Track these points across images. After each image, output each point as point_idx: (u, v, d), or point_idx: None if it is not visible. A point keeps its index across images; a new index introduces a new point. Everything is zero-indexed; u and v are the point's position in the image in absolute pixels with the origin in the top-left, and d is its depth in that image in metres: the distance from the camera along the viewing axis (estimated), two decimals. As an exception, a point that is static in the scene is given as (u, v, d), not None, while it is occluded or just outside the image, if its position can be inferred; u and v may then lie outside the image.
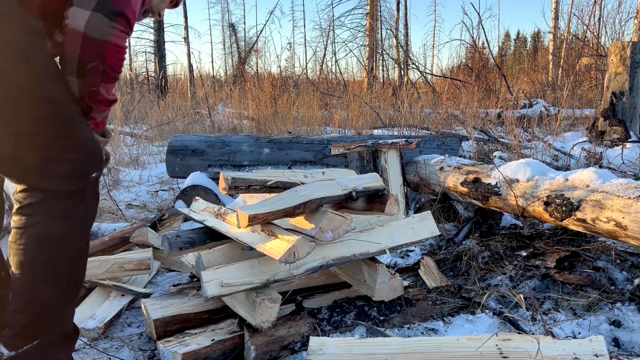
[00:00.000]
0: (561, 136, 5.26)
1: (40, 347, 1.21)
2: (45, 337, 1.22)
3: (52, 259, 1.21)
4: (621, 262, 2.17)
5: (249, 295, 1.54)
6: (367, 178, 1.76)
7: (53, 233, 1.20)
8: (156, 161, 5.40)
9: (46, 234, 1.19)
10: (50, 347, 1.24)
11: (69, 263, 1.24)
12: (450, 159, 3.04)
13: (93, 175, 1.26)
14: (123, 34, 1.19)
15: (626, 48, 4.87)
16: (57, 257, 1.21)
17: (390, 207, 1.67)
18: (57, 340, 1.25)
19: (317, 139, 3.85)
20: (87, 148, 1.25)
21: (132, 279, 2.20)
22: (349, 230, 1.53)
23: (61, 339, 1.27)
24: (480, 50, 11.37)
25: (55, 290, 1.23)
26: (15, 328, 1.20)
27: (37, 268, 1.19)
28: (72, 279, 1.27)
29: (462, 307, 1.93)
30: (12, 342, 1.20)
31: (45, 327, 1.22)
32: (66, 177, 1.20)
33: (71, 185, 1.21)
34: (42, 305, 1.21)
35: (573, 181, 2.11)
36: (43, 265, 1.20)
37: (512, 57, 23.04)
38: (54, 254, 1.20)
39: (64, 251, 1.22)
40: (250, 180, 1.58)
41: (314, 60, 16.48)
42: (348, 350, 1.31)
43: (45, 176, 1.18)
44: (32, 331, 1.21)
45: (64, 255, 1.22)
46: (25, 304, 1.20)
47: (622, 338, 1.64)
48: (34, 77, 1.16)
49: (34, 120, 1.15)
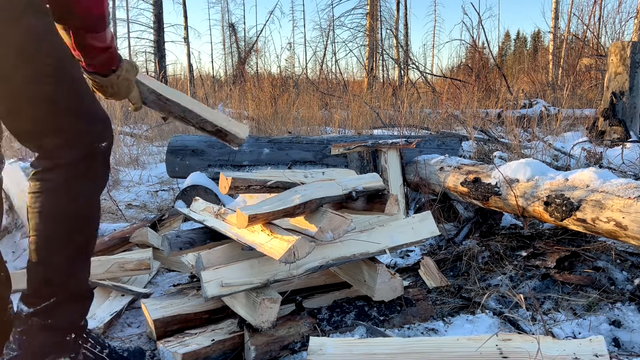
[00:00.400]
0: (561, 136, 5.26)
1: (56, 304, 1.30)
2: (60, 296, 1.31)
3: (65, 222, 1.28)
4: (621, 262, 2.17)
5: (249, 295, 1.54)
6: (367, 178, 1.76)
7: (64, 198, 1.27)
8: (156, 161, 5.40)
9: (57, 199, 1.27)
10: (66, 305, 1.32)
11: (81, 226, 1.32)
12: (450, 159, 3.04)
13: (103, 145, 1.31)
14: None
15: (626, 48, 4.87)
16: (69, 220, 1.29)
17: (390, 207, 1.67)
18: (72, 299, 1.34)
19: (317, 139, 3.85)
20: (101, 116, 1.30)
21: (132, 279, 2.20)
22: (349, 230, 1.53)
23: (76, 298, 1.36)
24: (480, 50, 11.37)
25: (68, 252, 1.30)
26: (33, 287, 1.30)
27: (49, 230, 1.27)
28: (83, 241, 1.34)
29: (462, 307, 1.93)
30: (31, 300, 1.29)
31: (60, 286, 1.31)
32: (73, 146, 1.25)
33: (83, 151, 1.26)
34: (55, 266, 1.30)
35: (573, 181, 2.11)
36: (56, 228, 1.28)
37: (512, 57, 23.04)
38: (65, 217, 1.28)
39: (76, 214, 1.29)
40: (250, 180, 1.58)
41: (314, 60, 16.49)
42: (348, 351, 1.31)
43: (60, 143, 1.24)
44: (48, 290, 1.29)
45: (76, 218, 1.30)
46: (40, 265, 1.29)
47: (622, 338, 1.64)
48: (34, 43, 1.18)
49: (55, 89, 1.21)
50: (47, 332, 1.30)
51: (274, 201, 1.51)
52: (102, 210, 3.46)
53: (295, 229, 1.54)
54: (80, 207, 1.30)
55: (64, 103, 1.24)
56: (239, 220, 1.45)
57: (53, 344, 1.31)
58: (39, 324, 1.29)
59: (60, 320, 1.32)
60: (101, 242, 2.38)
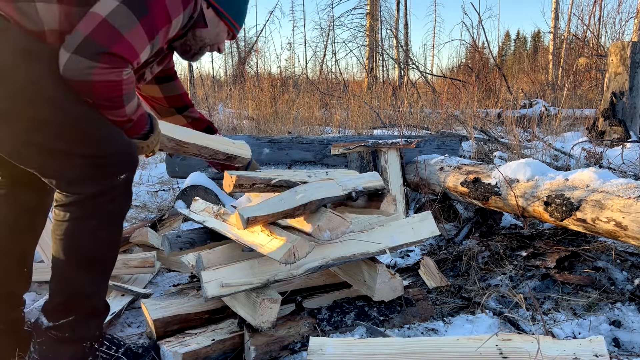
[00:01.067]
0: (561, 136, 5.25)
1: (74, 321, 1.39)
2: (79, 314, 1.39)
3: (85, 250, 1.36)
4: (621, 262, 2.17)
5: (249, 295, 1.54)
6: (367, 177, 1.75)
7: (85, 228, 1.34)
8: (156, 161, 5.40)
9: (79, 229, 1.33)
10: (84, 321, 1.41)
11: (100, 253, 1.39)
12: (450, 159, 3.04)
13: (122, 177, 1.35)
14: (112, 69, 1.23)
15: (626, 48, 4.87)
16: (88, 249, 1.36)
17: (386, 205, 1.66)
18: (89, 316, 1.43)
19: (317, 139, 3.85)
20: (114, 151, 1.33)
21: (132, 279, 2.20)
22: (347, 232, 1.53)
23: (92, 314, 1.44)
24: (480, 50, 11.37)
25: (87, 276, 1.38)
26: (54, 303, 1.38)
27: (71, 257, 1.35)
28: (102, 266, 1.42)
29: (462, 307, 1.93)
30: (52, 315, 1.38)
31: (79, 306, 1.39)
32: (94, 180, 1.31)
33: (100, 187, 1.32)
34: (75, 288, 1.38)
35: (573, 181, 2.11)
36: (76, 255, 1.35)
37: (512, 57, 23.02)
38: (86, 246, 1.35)
39: (96, 244, 1.36)
40: (254, 178, 1.57)
41: (314, 60, 16.49)
42: (348, 351, 1.31)
43: (74, 181, 1.31)
44: (67, 308, 1.38)
45: (96, 247, 1.37)
46: (61, 286, 1.38)
47: (622, 338, 1.64)
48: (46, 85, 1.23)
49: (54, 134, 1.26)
50: (66, 344, 1.40)
51: (274, 202, 1.50)
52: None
53: (294, 226, 1.54)
54: (101, 237, 1.37)
55: (66, 145, 1.27)
56: (237, 222, 1.45)
57: (72, 353, 1.41)
58: (57, 337, 1.38)
59: (78, 334, 1.41)
60: (101, 242, 2.38)
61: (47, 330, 1.38)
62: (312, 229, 1.45)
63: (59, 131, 1.26)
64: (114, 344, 1.49)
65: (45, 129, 1.25)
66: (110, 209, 1.35)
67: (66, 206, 1.32)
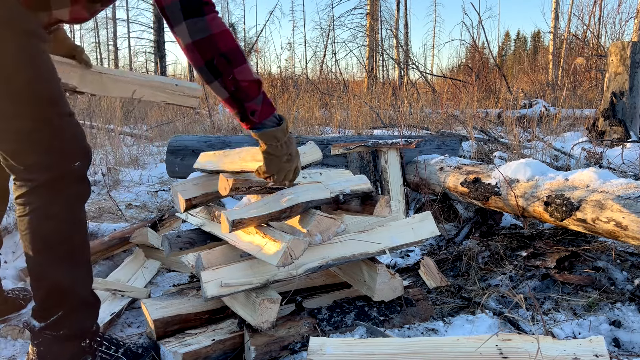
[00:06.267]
0: (561, 136, 5.25)
1: (64, 316, 1.36)
2: (66, 307, 1.37)
3: (51, 238, 1.33)
4: (621, 262, 2.17)
5: (249, 295, 1.54)
6: (354, 180, 1.73)
7: (48, 215, 1.32)
8: (156, 161, 5.39)
9: (42, 218, 1.32)
10: (73, 314, 1.39)
11: (67, 237, 1.36)
12: (450, 159, 3.04)
13: (76, 164, 1.34)
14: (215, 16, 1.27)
15: (626, 48, 4.86)
16: (55, 236, 1.34)
17: (380, 209, 1.64)
18: (78, 308, 1.40)
19: (317, 139, 3.85)
20: (66, 139, 1.32)
21: (132, 279, 2.20)
22: (339, 231, 1.52)
23: (81, 306, 1.41)
24: (480, 50, 11.38)
25: (61, 265, 1.35)
26: (38, 302, 1.37)
27: (40, 249, 1.33)
28: (71, 252, 1.38)
29: (462, 307, 1.93)
30: (41, 314, 1.37)
31: (62, 298, 1.37)
32: (46, 169, 1.30)
33: (53, 175, 1.30)
34: (52, 280, 1.35)
35: (573, 181, 2.11)
36: (45, 245, 1.33)
37: (512, 57, 23.03)
38: (51, 233, 1.33)
39: (61, 229, 1.34)
40: (251, 181, 1.58)
41: (314, 60, 16.49)
42: (348, 351, 1.31)
43: (26, 169, 1.30)
44: (52, 303, 1.36)
45: (61, 232, 1.34)
46: (39, 281, 1.36)
47: (622, 338, 1.64)
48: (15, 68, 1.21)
49: (7, 115, 1.24)
50: (62, 342, 1.38)
51: (260, 205, 1.50)
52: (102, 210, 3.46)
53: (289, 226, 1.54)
54: (63, 223, 1.35)
55: (31, 126, 1.26)
56: (223, 225, 1.44)
57: (69, 352, 1.39)
58: (52, 337, 1.37)
59: (71, 329, 1.39)
60: (101, 242, 2.38)
61: (42, 331, 1.37)
62: (302, 234, 1.46)
63: (26, 110, 1.25)
64: (114, 344, 1.49)
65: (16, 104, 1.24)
66: (69, 193, 1.34)
67: (25, 197, 1.30)
